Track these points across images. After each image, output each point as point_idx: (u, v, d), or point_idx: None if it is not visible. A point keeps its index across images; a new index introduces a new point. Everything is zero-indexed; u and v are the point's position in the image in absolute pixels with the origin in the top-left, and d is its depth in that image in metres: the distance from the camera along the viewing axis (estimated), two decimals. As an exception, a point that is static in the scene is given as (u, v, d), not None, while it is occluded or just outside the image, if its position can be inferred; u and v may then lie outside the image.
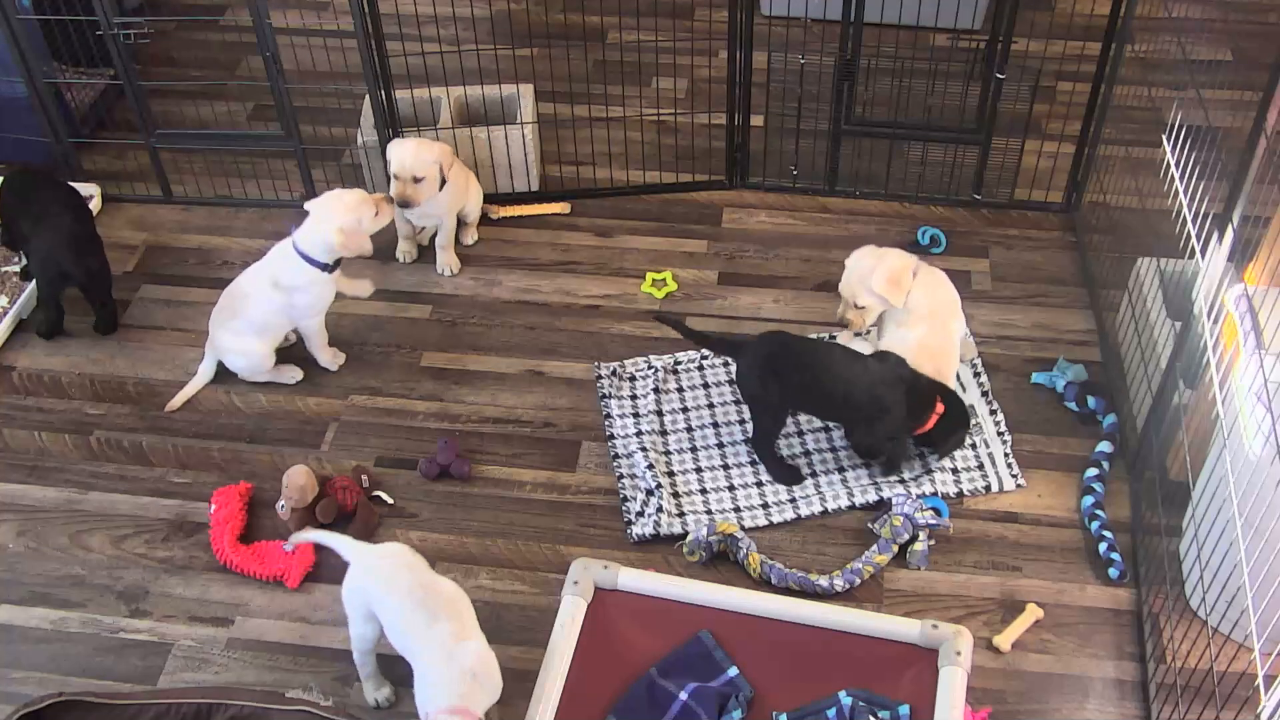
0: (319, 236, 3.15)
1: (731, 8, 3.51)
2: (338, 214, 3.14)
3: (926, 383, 2.98)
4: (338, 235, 3.12)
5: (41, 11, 3.74)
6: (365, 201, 3.18)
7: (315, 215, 3.16)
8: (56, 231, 3.34)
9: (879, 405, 2.94)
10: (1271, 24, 4.53)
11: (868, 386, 2.94)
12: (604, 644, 2.58)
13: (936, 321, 3.09)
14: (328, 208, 3.16)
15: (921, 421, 2.98)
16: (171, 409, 3.28)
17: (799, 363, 2.98)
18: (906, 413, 2.96)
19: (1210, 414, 2.70)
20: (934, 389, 2.99)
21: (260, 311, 3.21)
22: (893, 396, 2.94)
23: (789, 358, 2.98)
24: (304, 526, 2.93)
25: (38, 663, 2.77)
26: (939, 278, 3.15)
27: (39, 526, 3.05)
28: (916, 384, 2.97)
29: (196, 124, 4.08)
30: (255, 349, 3.25)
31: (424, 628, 2.40)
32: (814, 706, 2.47)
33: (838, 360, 2.99)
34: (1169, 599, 2.76)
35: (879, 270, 3.06)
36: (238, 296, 3.23)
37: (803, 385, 2.98)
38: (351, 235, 3.14)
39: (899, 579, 2.90)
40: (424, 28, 3.61)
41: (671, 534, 2.97)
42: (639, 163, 3.95)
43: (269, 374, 3.32)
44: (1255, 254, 2.70)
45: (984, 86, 3.67)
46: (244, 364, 3.28)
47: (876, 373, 2.96)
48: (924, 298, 3.09)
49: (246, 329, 3.23)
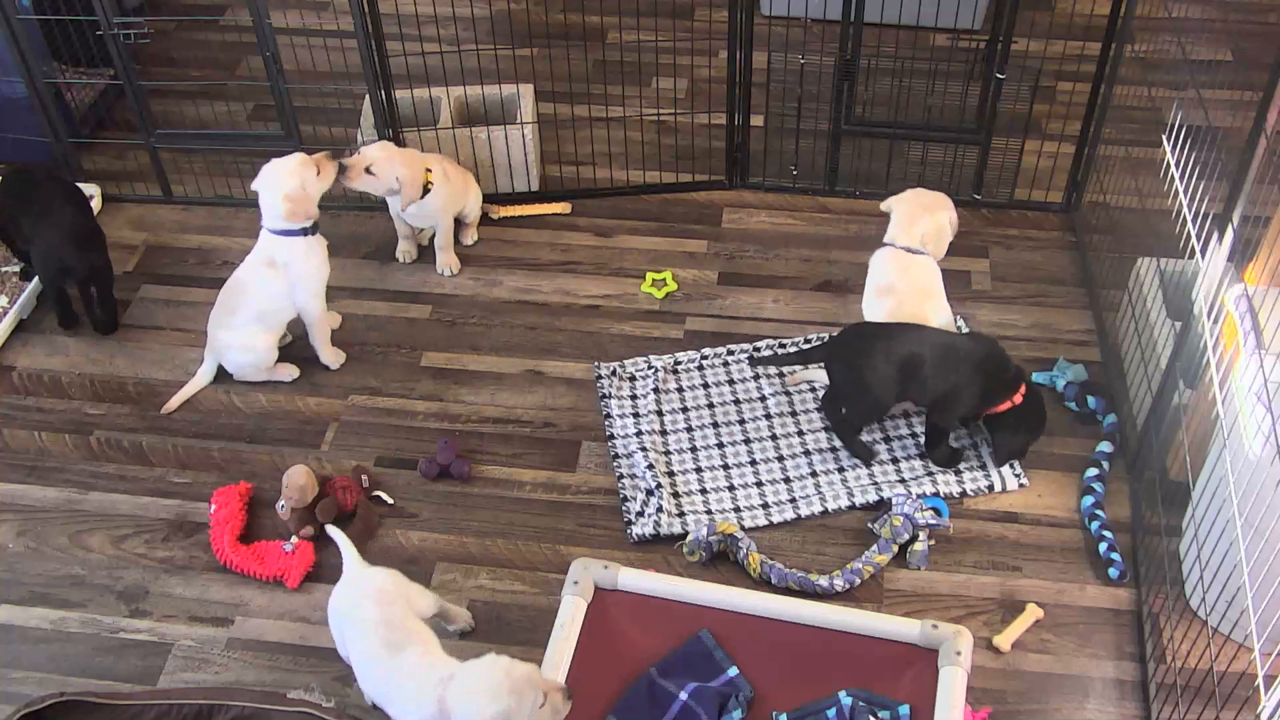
0: (272, 208, 3.17)
1: (731, 8, 3.51)
2: (281, 181, 3.16)
3: (1016, 369, 3.02)
4: (285, 204, 3.14)
5: (41, 11, 3.74)
6: (305, 163, 3.19)
7: (262, 189, 3.18)
8: (58, 226, 3.34)
9: (968, 379, 2.97)
10: (1271, 24, 4.53)
11: (960, 360, 2.97)
12: (604, 644, 2.58)
13: (911, 298, 3.13)
14: (271, 178, 3.17)
15: (997, 400, 3.00)
16: (168, 410, 3.28)
17: (894, 349, 2.97)
18: (984, 391, 2.99)
19: (1210, 414, 2.70)
20: (1021, 377, 3.02)
21: (264, 296, 3.21)
22: (979, 371, 2.98)
23: (883, 345, 2.98)
24: (304, 526, 2.94)
25: (38, 663, 2.77)
26: (912, 257, 3.19)
27: (39, 526, 3.05)
28: (1003, 361, 3.01)
29: (196, 124, 4.08)
30: (258, 342, 3.25)
31: (385, 658, 2.39)
32: (814, 706, 2.47)
33: (931, 340, 2.99)
34: (1169, 599, 2.75)
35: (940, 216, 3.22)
36: (236, 291, 3.23)
37: (902, 371, 2.97)
38: (298, 201, 3.16)
39: (899, 579, 2.90)
40: (424, 28, 3.61)
41: (671, 534, 2.97)
42: (639, 163, 3.95)
43: (267, 372, 3.31)
44: (1255, 254, 2.70)
45: (984, 86, 3.67)
46: (246, 359, 3.27)
47: (967, 348, 3.00)
48: (902, 272, 3.17)
49: (248, 321, 3.23)
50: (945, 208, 3.27)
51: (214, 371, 3.33)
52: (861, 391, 3.01)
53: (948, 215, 3.25)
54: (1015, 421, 3.03)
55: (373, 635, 2.43)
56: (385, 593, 2.51)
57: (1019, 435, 3.05)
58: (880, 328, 3.07)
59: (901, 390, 3.01)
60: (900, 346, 2.97)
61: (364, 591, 2.52)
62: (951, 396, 2.99)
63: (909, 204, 3.26)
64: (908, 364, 2.96)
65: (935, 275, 3.21)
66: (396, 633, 2.42)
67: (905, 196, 3.28)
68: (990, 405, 3.02)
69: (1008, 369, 3.01)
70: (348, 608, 2.52)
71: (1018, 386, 3.00)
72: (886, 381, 2.97)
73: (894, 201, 3.29)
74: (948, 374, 2.97)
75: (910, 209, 3.24)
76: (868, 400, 3.02)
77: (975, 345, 3.02)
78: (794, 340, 3.42)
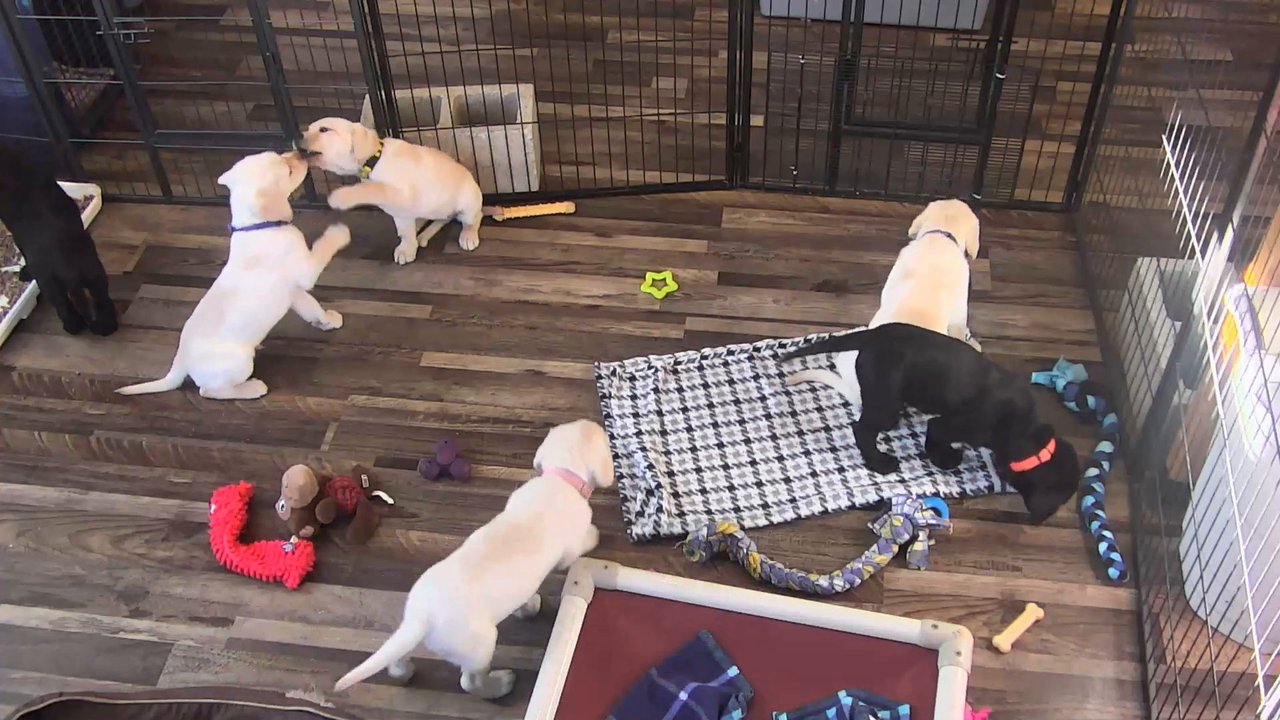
0: (244, 204, 3.18)
1: (731, 8, 3.51)
2: (255, 177, 3.17)
3: (1042, 423, 2.90)
4: (259, 199, 3.15)
5: (41, 11, 3.74)
6: (276, 162, 3.21)
7: (235, 186, 3.19)
8: (45, 236, 3.34)
9: (975, 407, 2.90)
10: (1271, 24, 4.53)
11: (978, 388, 2.89)
12: (604, 644, 2.58)
13: (924, 284, 3.11)
14: (244, 174, 3.18)
15: (1020, 455, 2.90)
16: (121, 391, 3.30)
17: (923, 356, 2.92)
18: (995, 430, 2.90)
19: (1210, 414, 2.70)
20: (1048, 430, 2.91)
21: (257, 296, 3.21)
22: (989, 406, 2.89)
23: (915, 350, 2.93)
24: (304, 526, 2.94)
25: (38, 663, 2.77)
26: (942, 244, 3.18)
27: (39, 526, 3.05)
28: (1025, 413, 2.88)
29: (196, 124, 4.08)
30: (237, 352, 3.23)
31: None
32: (814, 706, 2.48)
33: (962, 359, 2.92)
34: (1169, 599, 2.75)
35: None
36: (221, 299, 3.22)
37: (922, 379, 2.92)
38: (271, 196, 3.17)
39: (899, 579, 2.90)
40: (424, 28, 3.61)
41: (671, 534, 2.97)
42: (639, 163, 3.95)
43: (236, 389, 3.29)
44: (1255, 254, 2.70)
45: (984, 86, 3.67)
46: (222, 368, 3.23)
47: (991, 381, 2.90)
48: (921, 258, 3.17)
49: (233, 332, 3.21)
50: (964, 206, 3.30)
51: (180, 381, 3.31)
52: (879, 389, 2.98)
53: (970, 214, 3.29)
54: (1045, 478, 2.91)
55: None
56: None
57: (1051, 495, 2.94)
58: (917, 332, 2.99)
59: (916, 397, 2.99)
60: (930, 354, 2.92)
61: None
62: (965, 422, 2.95)
63: (938, 211, 3.27)
64: (932, 372, 2.91)
65: (962, 270, 3.19)
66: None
67: (929, 209, 3.29)
68: (1012, 457, 2.92)
69: (1032, 421, 2.89)
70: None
71: (1045, 442, 2.89)
72: (905, 383, 2.93)
73: (923, 217, 3.29)
74: (967, 397, 2.90)
75: (939, 214, 3.26)
76: (882, 400, 2.99)
77: (1006, 384, 2.91)
78: (794, 341, 3.41)
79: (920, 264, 3.17)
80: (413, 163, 3.51)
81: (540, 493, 2.67)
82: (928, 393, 2.96)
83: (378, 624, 2.82)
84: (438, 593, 2.50)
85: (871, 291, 3.40)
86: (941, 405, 2.98)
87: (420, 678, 2.71)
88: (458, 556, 2.55)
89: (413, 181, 3.52)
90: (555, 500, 2.66)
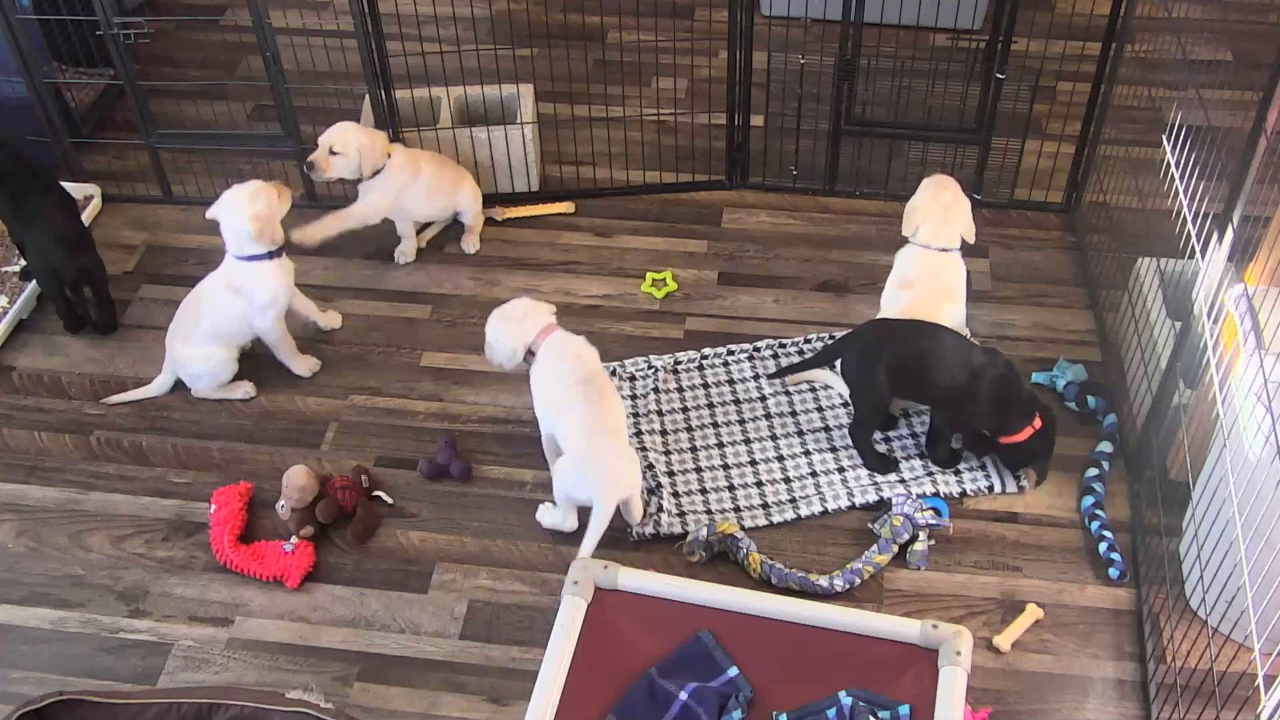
0: (238, 232, 3.15)
1: (731, 8, 3.51)
2: (246, 203, 3.14)
3: (1029, 392, 2.97)
4: (253, 223, 3.13)
5: (41, 11, 3.74)
6: (264, 188, 3.20)
7: (225, 216, 3.16)
8: (44, 231, 3.34)
9: (971, 392, 2.93)
10: (1271, 24, 4.53)
11: (968, 371, 2.92)
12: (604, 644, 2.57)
13: (924, 294, 3.11)
14: (234, 203, 3.15)
15: (1012, 429, 2.96)
16: (107, 401, 3.29)
17: (905, 347, 2.95)
18: (995, 410, 2.94)
19: (1210, 414, 2.70)
20: (1034, 401, 2.97)
21: (220, 318, 3.20)
22: (986, 387, 2.92)
23: (895, 342, 2.96)
24: (304, 526, 2.94)
25: (38, 663, 2.77)
26: (933, 255, 3.16)
27: (39, 526, 3.05)
28: (1017, 386, 2.95)
29: (196, 124, 4.08)
30: (217, 353, 3.23)
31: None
32: (814, 706, 2.47)
33: (945, 344, 2.95)
34: (1169, 599, 2.76)
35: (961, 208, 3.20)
36: (195, 305, 3.22)
37: (907, 369, 2.95)
38: (265, 220, 3.15)
39: (899, 579, 2.90)
40: (424, 28, 3.61)
41: (671, 534, 2.97)
42: (639, 163, 3.95)
43: (222, 390, 3.29)
44: (1255, 254, 2.71)
45: (984, 86, 3.67)
46: (204, 369, 3.23)
47: (979, 362, 2.94)
48: (916, 265, 3.15)
49: (206, 338, 3.21)
50: (956, 189, 3.22)
51: (170, 385, 3.32)
52: (866, 386, 2.99)
53: (962, 199, 3.22)
54: (1041, 444, 2.99)
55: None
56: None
57: (1046, 459, 3.03)
58: (895, 323, 3.05)
59: (905, 387, 3.00)
60: (911, 343, 2.95)
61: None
62: (957, 406, 2.97)
63: (930, 202, 3.19)
64: (916, 361, 2.94)
65: (960, 275, 3.19)
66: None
67: (922, 199, 3.20)
68: (1006, 431, 2.97)
69: (1020, 392, 2.95)
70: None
71: (1033, 412, 2.95)
72: (891, 376, 2.95)
73: (915, 208, 3.20)
74: (955, 380, 2.93)
75: (934, 206, 3.18)
76: (870, 394, 3.00)
77: (990, 360, 2.95)
78: (794, 340, 3.42)
79: (920, 272, 3.16)
80: (410, 178, 3.52)
81: (569, 352, 2.97)
82: (917, 381, 2.98)
83: (378, 624, 2.82)
84: (613, 464, 2.85)
85: (872, 292, 3.40)
86: (934, 391, 2.99)
87: (420, 677, 2.71)
88: (589, 432, 2.84)
89: (399, 197, 3.52)
90: (575, 346, 2.99)
